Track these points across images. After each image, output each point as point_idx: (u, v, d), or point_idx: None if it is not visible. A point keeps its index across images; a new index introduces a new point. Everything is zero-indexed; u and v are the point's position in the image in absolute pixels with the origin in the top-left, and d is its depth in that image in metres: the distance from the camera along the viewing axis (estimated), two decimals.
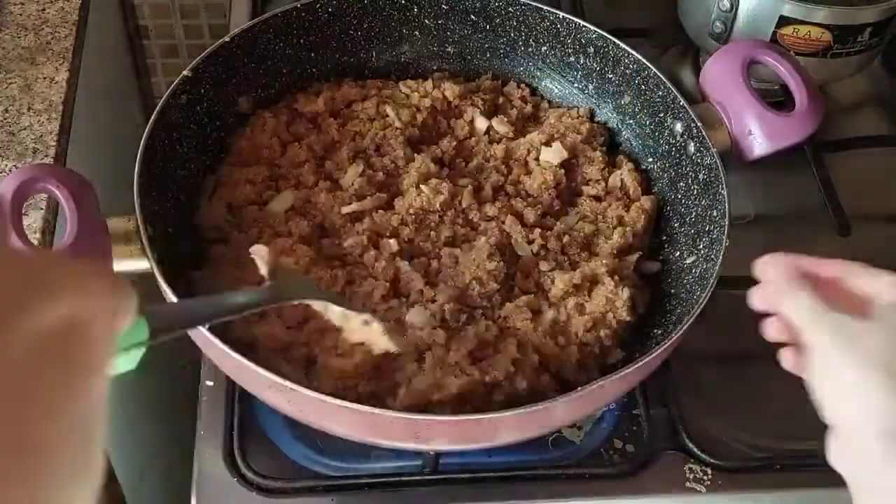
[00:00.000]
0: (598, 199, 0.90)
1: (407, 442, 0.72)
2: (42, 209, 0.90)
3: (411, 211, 0.84)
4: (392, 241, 0.83)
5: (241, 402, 0.83)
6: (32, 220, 0.89)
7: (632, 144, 0.94)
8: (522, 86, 0.99)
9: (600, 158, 0.91)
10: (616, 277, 0.82)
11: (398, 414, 0.70)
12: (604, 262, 0.83)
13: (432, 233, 0.84)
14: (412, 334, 0.76)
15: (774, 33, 1.04)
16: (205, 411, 0.83)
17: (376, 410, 0.68)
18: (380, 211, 0.84)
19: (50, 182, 0.73)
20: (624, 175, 0.91)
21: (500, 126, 0.94)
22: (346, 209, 0.84)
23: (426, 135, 0.93)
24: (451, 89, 0.95)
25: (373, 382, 0.74)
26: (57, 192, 0.73)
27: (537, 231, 0.85)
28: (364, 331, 0.72)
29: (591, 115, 0.96)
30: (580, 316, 0.80)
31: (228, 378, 0.81)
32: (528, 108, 0.97)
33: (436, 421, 0.71)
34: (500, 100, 0.97)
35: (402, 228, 0.84)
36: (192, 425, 0.83)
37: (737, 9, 1.05)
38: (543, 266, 0.83)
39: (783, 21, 1.03)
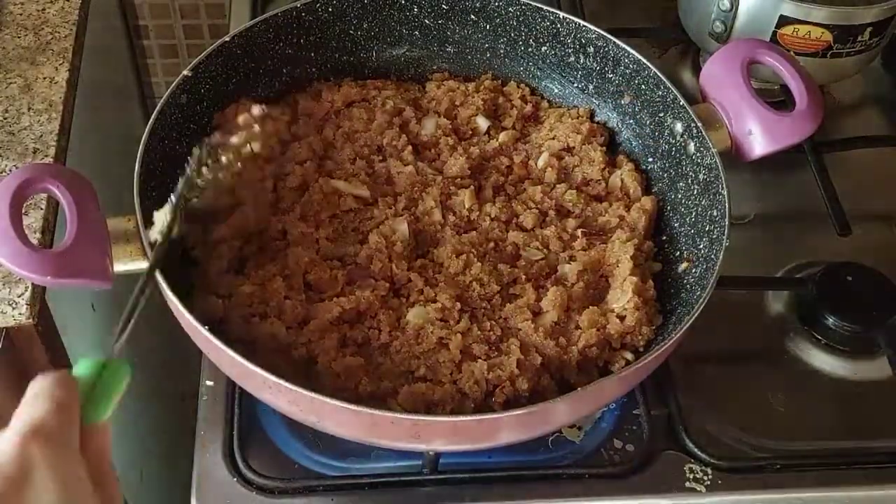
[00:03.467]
0: (598, 199, 0.90)
1: (407, 442, 0.72)
2: (42, 209, 0.90)
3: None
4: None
5: (241, 402, 0.83)
6: (32, 220, 0.89)
7: (632, 144, 0.94)
8: (522, 86, 0.98)
9: (600, 158, 0.91)
10: None
11: (398, 414, 0.70)
12: None
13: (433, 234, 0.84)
14: None
15: (774, 33, 1.04)
16: (205, 411, 0.83)
17: (376, 411, 0.68)
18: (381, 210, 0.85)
19: (50, 182, 0.73)
20: (624, 175, 0.91)
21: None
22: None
23: (429, 139, 0.93)
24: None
25: (373, 382, 0.75)
26: (57, 192, 0.73)
27: (538, 231, 0.85)
28: None
29: (591, 115, 0.96)
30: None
31: (228, 378, 0.81)
32: (528, 108, 0.97)
33: (436, 421, 0.71)
34: (500, 100, 0.97)
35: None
36: (192, 425, 0.83)
37: (737, 9, 1.05)
38: None
39: (783, 21, 1.03)
